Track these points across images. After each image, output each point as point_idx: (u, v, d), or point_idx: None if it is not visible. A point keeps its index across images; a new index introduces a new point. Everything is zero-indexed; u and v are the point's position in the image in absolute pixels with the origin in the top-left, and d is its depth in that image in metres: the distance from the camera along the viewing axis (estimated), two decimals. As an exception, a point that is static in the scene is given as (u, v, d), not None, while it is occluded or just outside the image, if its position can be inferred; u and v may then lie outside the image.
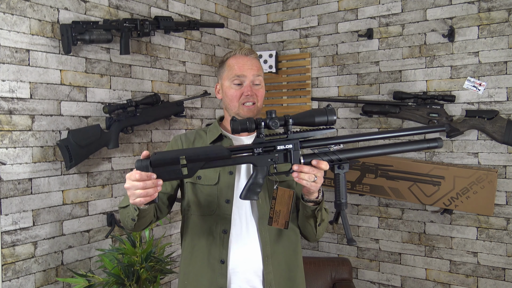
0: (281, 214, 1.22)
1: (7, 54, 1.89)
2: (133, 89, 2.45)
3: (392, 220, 2.84)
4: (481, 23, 2.51)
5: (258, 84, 1.37)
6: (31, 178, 1.99)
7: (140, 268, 2.01)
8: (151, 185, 1.05)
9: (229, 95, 1.37)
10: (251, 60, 1.38)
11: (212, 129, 1.43)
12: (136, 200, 1.06)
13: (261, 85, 1.39)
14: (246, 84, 1.35)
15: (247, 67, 1.36)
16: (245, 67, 1.36)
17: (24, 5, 1.94)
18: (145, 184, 1.04)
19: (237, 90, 1.35)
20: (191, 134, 1.44)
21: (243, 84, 1.35)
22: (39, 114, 2.02)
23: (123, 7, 2.38)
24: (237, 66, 1.36)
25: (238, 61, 1.37)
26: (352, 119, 2.97)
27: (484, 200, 2.45)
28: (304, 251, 3.18)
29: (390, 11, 2.80)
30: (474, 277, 2.58)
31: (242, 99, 1.34)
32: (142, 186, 1.04)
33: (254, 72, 1.36)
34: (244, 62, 1.37)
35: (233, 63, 1.37)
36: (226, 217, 1.30)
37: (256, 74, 1.36)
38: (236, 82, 1.36)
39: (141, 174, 1.04)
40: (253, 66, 1.37)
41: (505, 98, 2.47)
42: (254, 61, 1.38)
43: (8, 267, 1.89)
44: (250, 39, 3.39)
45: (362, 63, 2.92)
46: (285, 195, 1.23)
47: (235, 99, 1.35)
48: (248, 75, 1.35)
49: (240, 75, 1.35)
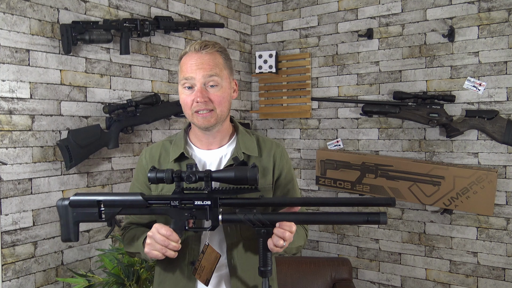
0: (204, 270, 1.16)
1: (7, 54, 1.89)
2: (133, 89, 2.45)
3: (392, 220, 2.84)
4: (481, 23, 2.51)
5: (215, 86, 1.15)
6: (31, 178, 1.99)
7: (140, 268, 2.01)
8: (173, 247, 1.06)
9: (181, 101, 1.18)
10: (203, 56, 1.15)
11: (177, 142, 1.26)
12: (153, 252, 1.07)
13: (220, 85, 1.16)
14: (197, 88, 1.14)
15: (196, 67, 1.14)
16: (193, 67, 1.14)
17: (24, 5, 1.94)
18: (168, 243, 1.05)
19: (187, 96, 1.16)
20: (157, 149, 1.29)
21: (194, 87, 1.15)
22: (39, 114, 2.02)
23: (123, 7, 2.38)
24: (185, 66, 1.16)
25: (187, 60, 1.16)
26: (352, 119, 2.97)
27: (484, 200, 2.45)
28: (304, 251, 3.18)
29: (390, 11, 2.80)
30: (474, 277, 2.58)
31: (194, 107, 1.15)
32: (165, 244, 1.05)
33: (205, 72, 1.14)
34: (194, 60, 1.15)
35: (183, 63, 1.17)
36: (193, 248, 1.20)
37: (208, 74, 1.14)
38: (187, 85, 1.16)
39: (168, 231, 1.05)
40: (205, 64, 1.14)
41: (505, 98, 2.47)
42: (207, 57, 1.15)
43: (8, 267, 1.89)
44: (250, 39, 3.40)
45: (362, 63, 2.92)
46: (212, 255, 1.16)
47: (187, 107, 1.17)
48: (197, 77, 1.14)
49: (188, 78, 1.15)
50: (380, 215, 0.99)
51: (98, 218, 1.09)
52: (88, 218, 1.09)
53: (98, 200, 1.08)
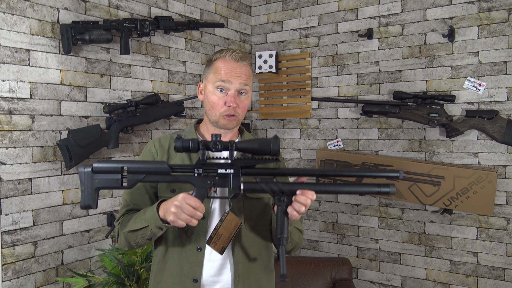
0: (221, 238, 1.19)
1: (7, 54, 1.89)
2: (133, 89, 2.45)
3: (392, 220, 2.84)
4: (481, 23, 2.51)
5: (245, 94, 1.27)
6: (31, 178, 1.99)
7: (140, 268, 2.01)
8: (199, 217, 1.09)
9: (210, 101, 1.27)
10: (241, 67, 1.26)
11: (187, 134, 1.35)
12: (178, 221, 1.09)
13: (248, 95, 1.29)
14: (231, 94, 1.24)
15: (235, 74, 1.24)
16: (232, 74, 1.24)
17: (24, 5, 1.94)
18: (195, 213, 1.08)
19: (220, 98, 1.25)
20: (166, 140, 1.35)
21: (228, 92, 1.25)
22: (39, 114, 2.02)
23: (123, 7, 2.38)
24: (224, 70, 1.25)
25: (226, 66, 1.25)
26: (352, 119, 2.97)
27: (484, 200, 2.45)
28: (304, 251, 3.18)
29: (390, 11, 2.80)
30: (474, 277, 2.58)
31: (223, 110, 1.24)
32: (192, 214, 1.07)
33: (241, 80, 1.25)
34: (233, 68, 1.25)
35: (220, 67, 1.26)
36: (201, 234, 1.24)
37: (243, 83, 1.25)
38: (220, 88, 1.25)
39: (197, 202, 1.08)
40: (242, 74, 1.26)
41: (505, 98, 2.47)
42: (245, 68, 1.27)
43: (8, 267, 1.89)
44: (250, 39, 3.40)
45: (362, 63, 2.92)
46: (232, 223, 1.20)
47: (217, 108, 1.25)
48: (235, 83, 1.24)
49: (225, 80, 1.24)
50: (389, 186, 1.05)
51: (121, 184, 1.09)
52: (110, 185, 1.10)
53: (122, 166, 1.09)
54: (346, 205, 3.01)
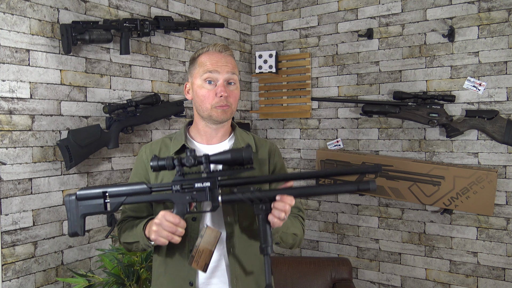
0: (203, 255, 1.17)
1: (7, 54, 1.89)
2: (133, 89, 2.45)
3: (392, 220, 2.84)
4: (481, 23, 2.51)
5: (233, 84, 1.26)
6: (31, 178, 1.99)
7: (140, 268, 2.01)
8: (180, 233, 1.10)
9: (200, 95, 1.24)
10: (226, 57, 1.26)
11: (177, 137, 1.32)
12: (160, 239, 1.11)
13: (236, 85, 1.27)
14: (220, 83, 1.23)
15: (221, 64, 1.24)
16: (219, 64, 1.23)
17: (24, 5, 1.94)
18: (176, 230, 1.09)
19: (209, 91, 1.23)
20: (157, 144, 1.33)
21: (217, 83, 1.23)
22: (39, 114, 2.02)
23: (123, 7, 2.38)
24: (210, 62, 1.24)
25: (211, 58, 1.25)
26: (352, 119, 2.97)
27: (484, 200, 2.45)
28: (304, 251, 3.18)
29: (390, 11, 2.80)
30: (474, 277, 2.58)
31: (215, 102, 1.22)
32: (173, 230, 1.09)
33: (228, 69, 1.24)
34: (218, 58, 1.24)
35: (205, 59, 1.25)
36: (193, 236, 1.23)
37: (231, 72, 1.24)
38: (208, 80, 1.23)
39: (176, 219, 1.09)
40: (228, 63, 1.25)
41: (505, 98, 2.47)
42: (229, 59, 1.26)
43: (8, 267, 1.89)
44: (250, 39, 3.40)
45: (362, 63, 2.92)
46: (212, 235, 1.18)
47: (208, 101, 1.23)
48: (222, 72, 1.23)
49: (212, 71, 1.22)
50: (369, 183, 1.02)
51: (104, 209, 1.13)
52: (94, 210, 1.14)
53: (103, 191, 1.13)
54: (346, 205, 3.01)
